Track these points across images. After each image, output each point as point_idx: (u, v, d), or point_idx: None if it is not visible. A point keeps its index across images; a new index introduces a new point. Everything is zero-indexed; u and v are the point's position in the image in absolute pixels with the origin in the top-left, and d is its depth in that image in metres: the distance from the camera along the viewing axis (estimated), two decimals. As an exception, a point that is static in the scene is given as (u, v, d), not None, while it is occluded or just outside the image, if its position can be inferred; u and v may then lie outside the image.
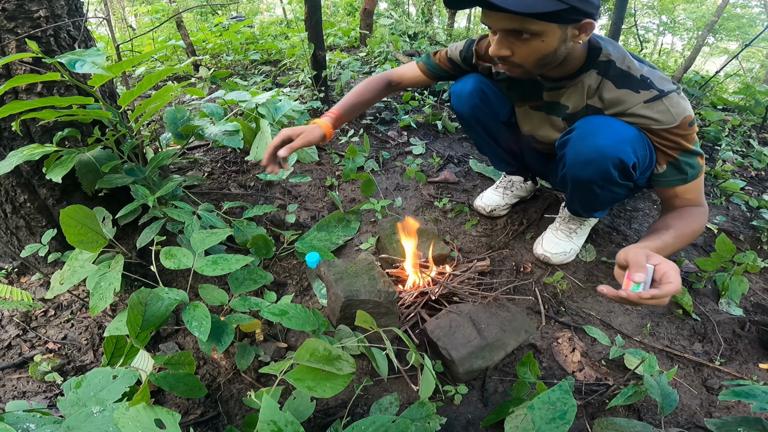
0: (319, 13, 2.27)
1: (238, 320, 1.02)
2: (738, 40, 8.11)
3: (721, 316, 1.42)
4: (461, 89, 1.50)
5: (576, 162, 1.20)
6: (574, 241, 1.56)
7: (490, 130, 1.58)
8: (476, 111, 1.51)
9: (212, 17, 5.47)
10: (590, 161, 1.16)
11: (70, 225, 1.05)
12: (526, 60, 1.07)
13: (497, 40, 1.06)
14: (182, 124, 1.39)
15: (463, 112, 1.53)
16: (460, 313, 1.23)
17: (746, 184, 2.16)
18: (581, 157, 1.18)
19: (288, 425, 0.63)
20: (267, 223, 1.67)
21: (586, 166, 1.18)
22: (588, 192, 1.27)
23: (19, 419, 0.64)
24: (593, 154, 1.15)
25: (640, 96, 1.09)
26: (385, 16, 4.76)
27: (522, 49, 1.05)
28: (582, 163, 1.18)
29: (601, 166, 1.15)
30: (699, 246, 1.75)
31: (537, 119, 1.38)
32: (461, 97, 1.51)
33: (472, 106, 1.50)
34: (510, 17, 0.98)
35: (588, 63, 1.16)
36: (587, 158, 1.16)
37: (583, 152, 1.17)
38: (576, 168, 1.21)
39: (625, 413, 1.13)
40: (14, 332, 1.31)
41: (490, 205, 1.78)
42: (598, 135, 1.14)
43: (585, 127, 1.17)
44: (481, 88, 1.47)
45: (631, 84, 1.11)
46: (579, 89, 1.20)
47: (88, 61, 0.89)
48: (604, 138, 1.12)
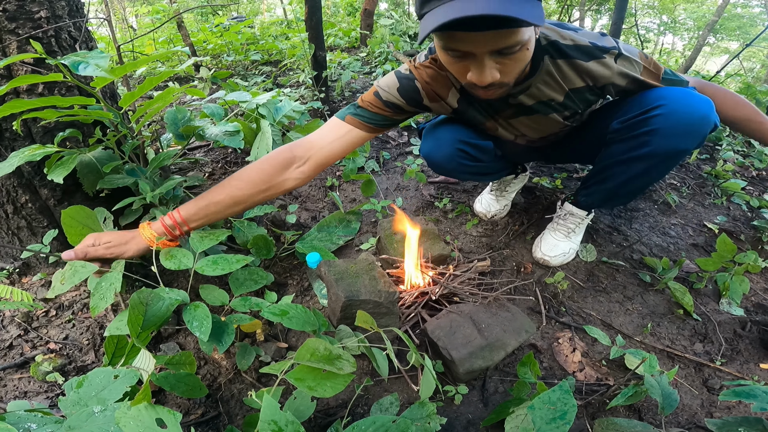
0: (319, 14, 2.28)
1: (238, 320, 1.02)
2: (739, 39, 8.11)
3: (722, 316, 1.42)
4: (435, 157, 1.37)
5: (674, 133, 1.15)
6: (572, 239, 1.56)
7: (480, 173, 1.51)
8: (461, 170, 1.41)
9: (213, 18, 5.48)
10: (692, 131, 1.14)
11: (72, 225, 1.06)
12: (512, 76, 1.00)
13: (482, 65, 0.94)
14: (183, 125, 1.39)
15: (448, 174, 1.47)
16: (461, 314, 1.23)
17: (747, 183, 2.16)
18: (682, 128, 1.14)
19: (288, 425, 0.63)
20: (267, 224, 1.67)
21: (686, 137, 1.15)
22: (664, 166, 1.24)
23: (20, 419, 0.64)
24: (698, 122, 1.13)
25: (607, 60, 1.11)
26: (386, 17, 4.76)
27: (511, 65, 0.96)
28: (682, 134, 1.15)
29: (702, 133, 1.15)
30: (700, 246, 1.75)
31: (524, 123, 1.30)
32: (438, 165, 1.39)
33: (455, 168, 1.39)
34: (502, 33, 0.88)
35: (537, 54, 1.09)
36: (690, 128, 1.14)
37: (685, 122, 1.13)
38: (673, 139, 1.16)
39: (626, 413, 1.13)
40: (16, 332, 1.31)
41: (491, 211, 1.78)
42: (696, 105, 1.13)
43: (676, 101, 1.14)
44: (457, 148, 1.33)
45: (592, 54, 1.10)
46: (549, 80, 1.14)
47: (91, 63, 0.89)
48: (704, 107, 1.13)
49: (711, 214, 1.94)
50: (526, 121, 1.29)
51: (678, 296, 1.41)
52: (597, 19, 8.19)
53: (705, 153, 2.43)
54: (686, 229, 1.84)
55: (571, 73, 1.13)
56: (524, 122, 1.30)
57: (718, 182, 2.13)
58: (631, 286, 1.52)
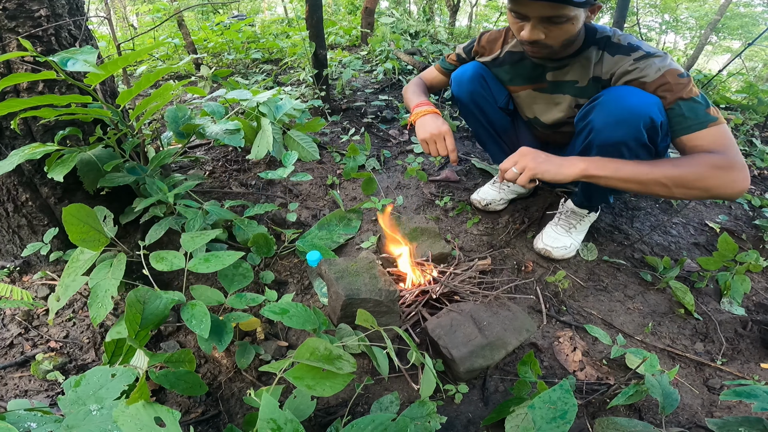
0: (320, 12, 2.27)
1: (236, 318, 1.02)
2: (741, 38, 8.08)
3: (723, 315, 1.42)
4: (461, 75, 1.58)
5: (607, 124, 1.22)
6: (574, 236, 1.57)
7: (489, 116, 1.61)
8: (475, 96, 1.57)
9: (214, 16, 5.47)
10: (623, 120, 1.19)
11: (72, 224, 1.06)
12: (556, 41, 1.21)
13: (531, 26, 1.18)
14: (183, 123, 1.39)
15: (463, 98, 1.59)
16: (461, 312, 1.22)
17: (749, 183, 2.15)
18: (612, 117, 1.20)
19: (287, 423, 0.63)
20: (268, 222, 1.67)
21: (618, 126, 1.20)
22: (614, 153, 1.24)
23: (20, 418, 0.64)
24: (626, 113, 1.18)
25: (631, 57, 1.21)
26: (387, 15, 4.75)
27: (555, 32, 1.18)
28: (614, 124, 1.20)
29: (633, 124, 1.17)
30: (701, 245, 1.74)
31: (542, 101, 1.47)
32: (461, 82, 1.57)
33: (471, 92, 1.56)
34: (552, 6, 1.11)
35: (588, 41, 1.29)
36: (619, 117, 1.19)
37: (614, 112, 1.20)
38: (607, 130, 1.22)
39: (626, 413, 1.13)
40: (16, 331, 1.32)
41: (486, 199, 1.79)
42: (628, 97, 1.19)
43: (612, 93, 1.23)
44: (480, 74, 1.55)
45: (621, 50, 1.24)
46: (583, 64, 1.31)
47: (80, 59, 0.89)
48: (635, 99, 1.18)
49: (712, 213, 1.94)
50: (545, 99, 1.46)
51: (679, 295, 1.41)
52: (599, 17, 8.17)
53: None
54: (688, 228, 1.83)
55: (602, 65, 1.28)
56: (542, 100, 1.47)
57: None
58: (632, 285, 1.51)
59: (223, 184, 1.88)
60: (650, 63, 1.18)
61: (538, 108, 1.50)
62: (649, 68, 1.17)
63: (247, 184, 1.89)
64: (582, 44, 1.29)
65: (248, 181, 1.91)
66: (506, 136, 1.68)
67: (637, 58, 1.20)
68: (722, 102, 3.11)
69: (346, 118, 2.51)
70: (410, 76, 3.06)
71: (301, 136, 1.60)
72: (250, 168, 2.00)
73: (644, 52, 1.20)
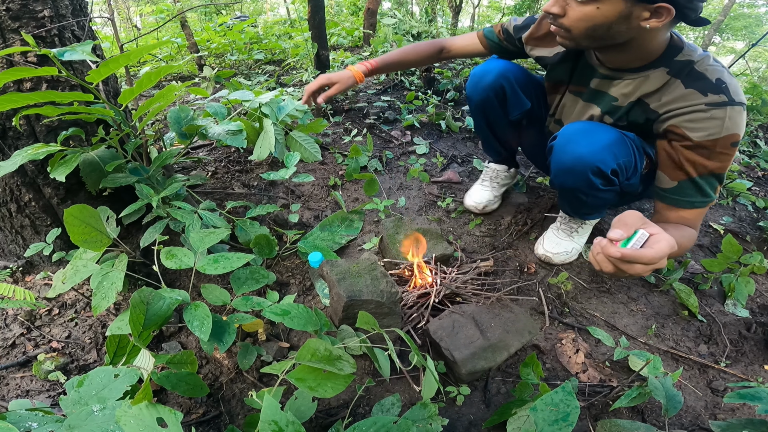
0: (322, 13, 2.28)
1: (240, 320, 1.02)
2: (744, 39, 8.06)
3: (727, 317, 1.41)
4: (480, 78, 1.45)
5: (558, 170, 1.21)
6: (576, 240, 1.55)
7: (493, 125, 1.57)
8: (486, 105, 1.49)
9: (216, 17, 5.48)
10: (570, 170, 1.17)
11: (74, 224, 1.06)
12: (576, 25, 1.01)
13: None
14: (186, 124, 1.39)
15: (474, 100, 1.51)
16: (463, 314, 1.22)
17: (753, 184, 2.14)
18: (562, 165, 1.18)
19: (289, 425, 0.63)
20: (270, 223, 1.67)
21: (568, 175, 1.19)
22: (574, 198, 1.29)
23: (21, 418, 0.64)
24: (572, 162, 1.15)
25: (706, 99, 0.98)
26: (389, 16, 4.75)
27: (574, 11, 1.00)
28: (563, 172, 1.19)
29: (581, 174, 1.15)
30: (705, 247, 1.74)
31: (576, 107, 1.32)
32: (477, 86, 1.47)
33: (484, 99, 1.47)
34: None
35: (660, 60, 1.06)
36: (567, 167, 1.17)
37: (563, 161, 1.18)
38: (559, 176, 1.22)
39: (629, 415, 1.12)
40: (18, 331, 1.32)
41: (482, 202, 1.78)
42: (577, 143, 1.13)
43: (565, 135, 1.18)
44: (501, 84, 1.41)
45: (701, 86, 1.00)
46: (637, 83, 1.11)
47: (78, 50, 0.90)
48: (583, 146, 1.12)
49: (716, 214, 1.93)
50: (578, 104, 1.31)
51: (683, 297, 1.40)
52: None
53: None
54: (691, 229, 1.82)
55: (663, 93, 1.07)
56: (576, 106, 1.33)
57: (724, 183, 2.12)
58: (636, 287, 1.51)
59: (225, 185, 1.88)
60: (719, 116, 0.96)
61: (567, 111, 1.36)
62: (711, 123, 0.97)
63: (250, 185, 1.90)
64: (651, 62, 1.07)
65: (250, 182, 1.91)
66: (505, 142, 1.65)
67: (710, 104, 0.97)
68: (726, 103, 3.09)
69: (349, 119, 2.50)
70: (412, 77, 3.06)
71: (303, 137, 1.60)
72: (252, 169, 2.00)
73: (726, 98, 0.96)
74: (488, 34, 1.49)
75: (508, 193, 1.91)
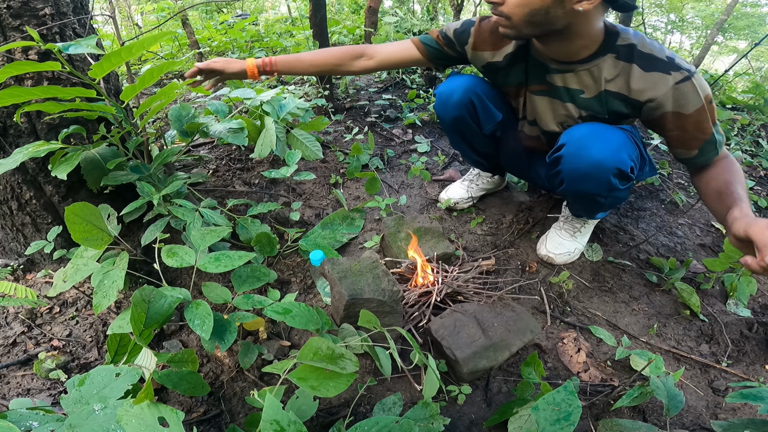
0: (323, 11, 2.27)
1: (241, 318, 1.02)
2: (747, 38, 8.03)
3: (729, 317, 1.41)
4: (448, 96, 1.43)
5: (574, 178, 1.20)
6: (578, 239, 1.55)
7: (470, 139, 1.54)
8: (459, 122, 1.46)
9: (217, 15, 5.48)
10: (588, 175, 1.17)
11: (75, 222, 1.06)
12: (515, 12, 1.04)
13: None
14: (187, 122, 1.39)
15: (445, 119, 1.48)
16: (465, 313, 1.22)
17: (755, 183, 2.13)
18: (579, 172, 1.18)
19: (291, 425, 0.63)
20: (271, 221, 1.67)
21: (586, 180, 1.18)
22: (592, 201, 1.29)
23: (22, 417, 0.64)
24: (591, 168, 1.15)
25: (671, 78, 1.06)
26: (390, 14, 4.74)
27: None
28: (580, 178, 1.19)
29: (601, 178, 1.15)
30: (707, 246, 1.73)
31: (541, 105, 1.32)
32: (446, 104, 1.44)
33: (455, 117, 1.44)
34: None
35: (604, 47, 1.12)
36: (585, 173, 1.17)
37: (580, 168, 1.17)
38: (576, 183, 1.21)
39: (630, 414, 1.12)
40: (19, 329, 1.32)
41: (453, 198, 1.79)
42: (592, 147, 1.13)
43: (576, 141, 1.17)
44: (470, 99, 1.39)
45: (659, 66, 1.07)
46: (594, 74, 1.16)
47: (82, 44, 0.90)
48: (599, 150, 1.12)
49: (718, 214, 1.92)
50: (546, 103, 1.30)
51: (685, 297, 1.40)
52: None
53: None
54: (693, 229, 1.82)
55: (619, 78, 1.13)
56: (543, 104, 1.31)
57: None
58: (638, 287, 1.50)
59: (226, 183, 1.87)
60: (691, 88, 1.06)
61: (539, 111, 1.35)
62: (691, 95, 1.06)
63: (251, 182, 1.89)
64: (596, 51, 1.13)
65: (251, 180, 1.90)
66: (487, 155, 1.64)
67: (678, 82, 1.06)
68: (728, 102, 3.09)
69: (350, 117, 2.50)
70: (413, 75, 3.05)
71: (304, 135, 1.60)
72: (253, 167, 1.99)
73: (686, 72, 1.05)
74: (425, 40, 1.41)
75: (510, 192, 1.91)
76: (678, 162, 1.24)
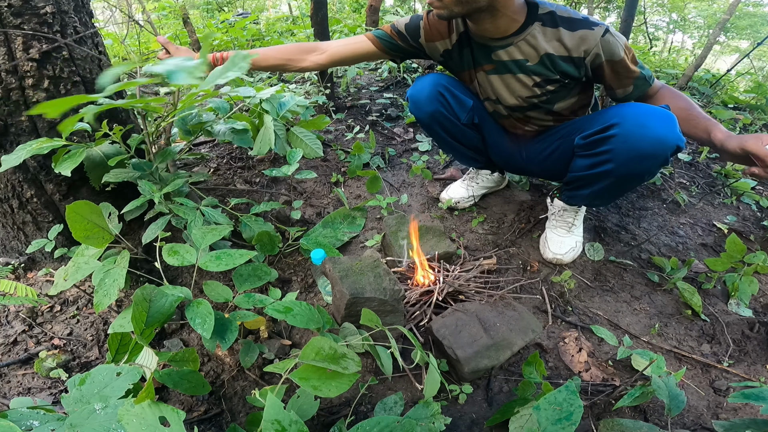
0: (324, 10, 2.26)
1: (242, 317, 1.02)
2: (750, 38, 8.01)
3: (730, 317, 1.40)
4: (418, 94, 1.47)
5: (631, 158, 1.19)
6: (575, 233, 1.56)
7: (452, 132, 1.56)
8: (436, 116, 1.49)
9: (218, 14, 5.47)
10: (650, 155, 1.17)
11: (76, 221, 1.05)
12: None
13: None
14: (191, 122, 1.39)
15: (423, 119, 1.51)
16: (467, 312, 1.22)
17: (757, 183, 2.13)
18: (639, 152, 1.17)
19: (292, 425, 0.62)
20: (272, 220, 1.66)
21: (644, 160, 1.18)
22: (632, 182, 1.29)
23: (22, 416, 0.63)
24: (654, 146, 1.15)
25: (596, 31, 1.19)
26: (391, 13, 4.73)
27: None
28: (639, 158, 1.18)
29: (662, 156, 1.16)
30: (709, 246, 1.73)
31: (498, 83, 1.40)
32: (418, 103, 1.48)
33: (431, 112, 1.47)
34: None
35: (530, 18, 1.24)
36: (646, 152, 1.16)
37: (640, 146, 1.16)
38: (631, 164, 1.20)
39: (632, 414, 1.12)
40: (20, 328, 1.32)
41: (454, 197, 1.79)
42: (652, 125, 1.15)
43: (632, 119, 1.17)
44: (438, 91, 1.45)
45: (582, 24, 1.21)
46: (530, 42, 1.26)
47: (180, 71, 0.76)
48: (661, 127, 1.14)
49: (720, 213, 1.92)
50: (499, 80, 1.39)
51: (686, 296, 1.40)
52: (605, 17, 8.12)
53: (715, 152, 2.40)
54: (695, 228, 1.82)
55: (554, 41, 1.25)
56: (498, 81, 1.40)
57: (728, 182, 2.11)
58: (639, 286, 1.50)
59: (227, 182, 1.87)
60: (612, 39, 1.20)
61: (497, 90, 1.41)
62: (614, 44, 1.20)
63: (252, 181, 1.89)
64: (523, 22, 1.24)
65: (253, 179, 1.90)
66: (471, 146, 1.64)
67: (602, 35, 1.20)
68: (730, 102, 3.08)
69: (351, 116, 2.50)
70: (415, 74, 3.05)
71: (304, 133, 1.59)
72: (254, 165, 1.99)
73: (603, 26, 1.20)
74: (379, 34, 1.46)
75: (511, 191, 1.90)
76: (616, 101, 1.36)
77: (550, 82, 1.32)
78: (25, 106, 1.19)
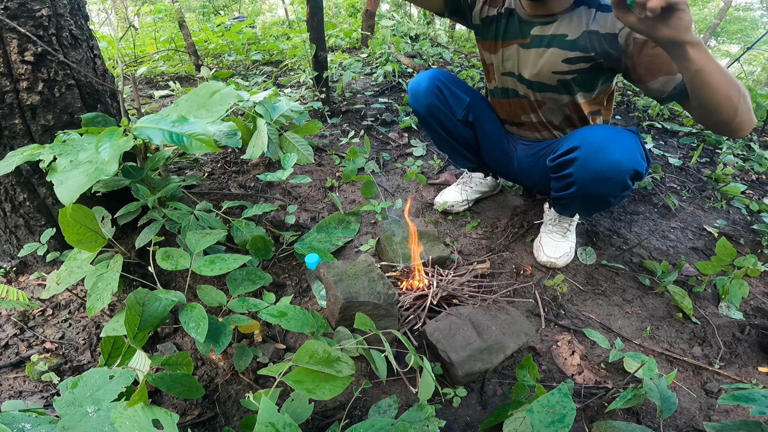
0: (321, 14, 2.28)
1: (236, 321, 1.02)
2: (740, 42, 8.11)
3: (721, 319, 1.42)
4: (417, 87, 1.53)
5: (590, 180, 1.23)
6: (569, 238, 1.58)
7: (447, 127, 1.60)
8: (432, 109, 1.54)
9: (214, 17, 5.48)
10: (607, 178, 1.19)
11: (69, 224, 1.05)
12: None
13: None
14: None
15: (420, 110, 1.56)
16: (460, 316, 1.22)
17: (747, 187, 2.15)
18: (596, 175, 1.20)
19: (286, 428, 0.63)
20: (267, 224, 1.66)
21: (603, 183, 1.21)
22: (600, 202, 1.31)
23: (14, 419, 0.63)
24: (610, 171, 1.18)
25: None
26: (387, 18, 4.76)
27: None
28: (597, 181, 1.21)
29: (618, 180, 1.18)
30: (699, 249, 1.74)
31: (526, 56, 1.37)
32: (417, 95, 1.54)
33: (428, 105, 1.53)
34: None
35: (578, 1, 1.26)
36: (604, 176, 1.19)
37: (597, 170, 1.20)
38: (590, 186, 1.24)
39: (624, 416, 1.13)
40: (12, 331, 1.31)
41: (448, 201, 1.81)
42: (609, 150, 1.16)
43: (591, 144, 1.20)
44: (436, 86, 1.50)
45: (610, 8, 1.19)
46: (574, 20, 1.26)
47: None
48: (617, 152, 1.16)
49: (711, 217, 1.94)
50: (532, 53, 1.35)
51: (677, 300, 1.41)
52: None
53: (705, 156, 2.43)
54: (686, 232, 1.83)
55: (595, 20, 1.22)
56: (528, 54, 1.36)
57: (718, 186, 2.13)
58: (631, 290, 1.51)
59: (221, 186, 1.87)
60: None
61: (522, 63, 1.39)
62: None
63: (246, 186, 1.89)
64: (572, 4, 1.26)
65: (247, 183, 1.90)
66: (466, 144, 1.67)
67: None
68: (721, 107, 3.12)
69: (346, 121, 2.51)
70: (410, 79, 3.06)
71: (297, 139, 1.60)
72: (249, 170, 1.99)
73: None
74: None
75: (505, 196, 1.92)
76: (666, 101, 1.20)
77: (581, 60, 1.28)
78: (19, 109, 1.19)
